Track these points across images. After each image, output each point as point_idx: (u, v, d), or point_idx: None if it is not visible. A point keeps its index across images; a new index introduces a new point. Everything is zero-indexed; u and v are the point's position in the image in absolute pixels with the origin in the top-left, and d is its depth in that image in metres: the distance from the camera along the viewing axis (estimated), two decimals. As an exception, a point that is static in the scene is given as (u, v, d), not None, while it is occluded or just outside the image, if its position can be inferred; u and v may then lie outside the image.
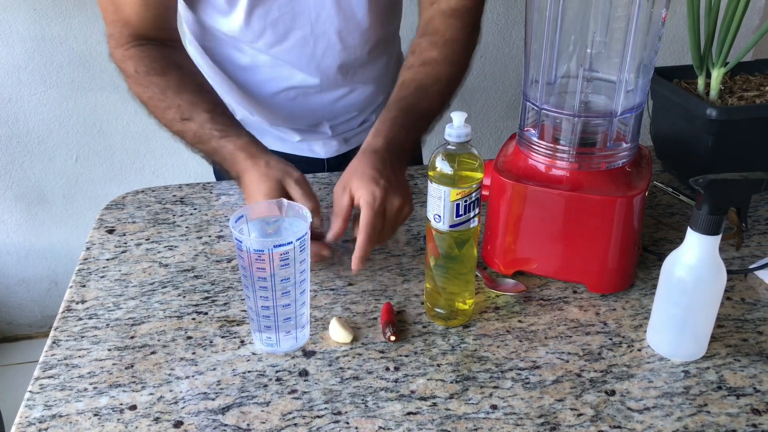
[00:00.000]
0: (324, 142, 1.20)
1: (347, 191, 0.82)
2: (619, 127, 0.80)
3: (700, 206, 0.66)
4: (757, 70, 1.10)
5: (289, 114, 1.13)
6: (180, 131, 0.93)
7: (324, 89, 1.09)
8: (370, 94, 1.15)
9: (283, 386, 0.71)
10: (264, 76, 1.07)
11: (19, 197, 1.92)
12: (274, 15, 0.98)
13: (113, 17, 0.95)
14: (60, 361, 0.74)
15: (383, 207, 0.81)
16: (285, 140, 1.19)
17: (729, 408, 0.68)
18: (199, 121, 0.90)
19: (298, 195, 0.83)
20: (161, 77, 0.93)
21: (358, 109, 1.17)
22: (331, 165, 1.22)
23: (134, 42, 0.95)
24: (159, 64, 0.94)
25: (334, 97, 1.11)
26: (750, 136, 0.98)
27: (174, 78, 0.94)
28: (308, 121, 1.16)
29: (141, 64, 0.94)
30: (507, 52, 1.95)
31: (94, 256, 0.92)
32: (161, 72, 0.94)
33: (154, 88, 0.93)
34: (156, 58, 0.95)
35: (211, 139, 0.90)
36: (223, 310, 0.82)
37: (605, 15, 0.77)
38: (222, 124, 0.91)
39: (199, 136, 0.90)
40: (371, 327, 0.79)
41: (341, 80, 1.09)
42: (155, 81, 0.93)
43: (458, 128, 0.70)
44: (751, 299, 0.83)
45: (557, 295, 0.84)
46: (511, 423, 0.66)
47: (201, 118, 0.90)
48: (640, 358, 0.74)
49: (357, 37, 1.04)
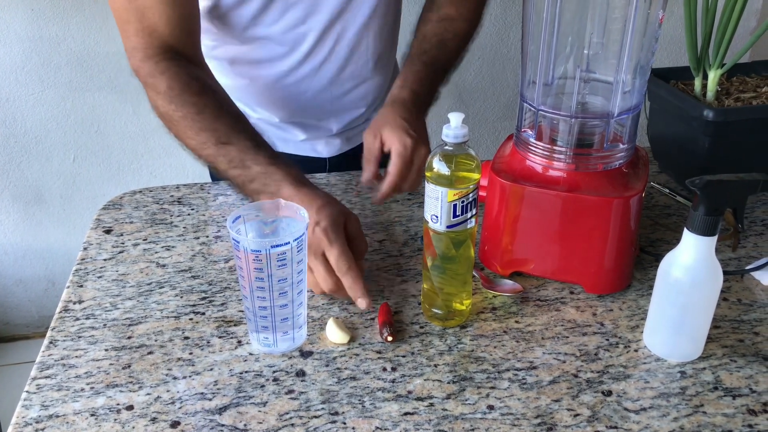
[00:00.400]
0: (327, 140, 1.20)
1: (378, 138, 0.89)
2: (616, 128, 0.80)
3: (697, 207, 0.66)
4: (753, 72, 1.10)
5: (299, 107, 1.13)
6: (213, 155, 0.87)
7: (336, 82, 1.10)
8: (376, 88, 1.16)
9: (280, 386, 0.71)
10: (277, 69, 1.07)
11: (16, 197, 1.91)
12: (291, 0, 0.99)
13: (138, 26, 0.89)
14: (57, 361, 0.74)
15: (412, 156, 0.88)
16: (288, 140, 1.19)
17: (725, 408, 0.68)
18: (241, 147, 0.85)
19: (357, 233, 0.81)
20: (198, 97, 0.88)
21: (366, 104, 1.18)
22: (332, 164, 1.23)
23: (165, 55, 0.90)
24: (195, 84, 0.89)
25: (343, 90, 1.12)
26: (746, 137, 0.98)
27: (212, 101, 0.89)
28: (317, 115, 1.16)
29: (176, 81, 0.88)
30: (505, 53, 1.95)
31: (92, 257, 0.92)
32: (198, 92, 0.89)
33: (190, 108, 0.87)
34: (192, 77, 0.90)
35: (255, 164, 0.84)
36: (221, 310, 0.82)
37: (602, 16, 0.77)
38: (268, 152, 0.86)
39: (239, 161, 0.85)
40: (368, 327, 0.79)
41: (352, 72, 1.11)
42: (192, 101, 0.88)
43: (456, 129, 0.70)
44: (747, 300, 0.83)
45: (554, 296, 0.84)
46: (507, 423, 0.66)
47: (243, 144, 0.85)
48: (636, 358, 0.74)
49: (377, 28, 1.07)
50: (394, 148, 0.88)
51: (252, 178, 0.84)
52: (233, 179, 0.86)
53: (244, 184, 0.85)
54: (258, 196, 0.83)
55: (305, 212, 0.72)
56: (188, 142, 0.88)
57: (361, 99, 1.16)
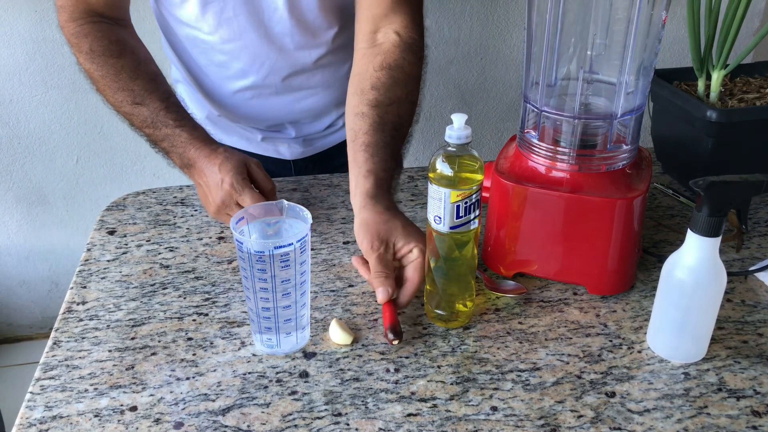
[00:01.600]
0: (288, 144, 1.19)
1: (390, 248, 0.80)
2: (619, 129, 0.80)
3: (700, 208, 0.66)
4: (757, 73, 1.10)
5: (247, 114, 1.13)
6: (128, 113, 0.97)
7: (280, 92, 1.09)
8: (332, 99, 1.14)
9: (284, 387, 0.71)
10: (222, 74, 1.07)
11: (19, 198, 1.92)
12: (228, 14, 0.98)
13: None
14: (61, 362, 0.74)
15: None
16: (250, 139, 1.19)
17: (729, 410, 0.68)
18: (153, 108, 0.95)
19: (260, 176, 0.94)
20: (117, 59, 0.96)
21: (319, 113, 1.15)
22: (297, 167, 1.21)
23: (88, 18, 0.96)
24: (116, 47, 0.97)
25: (291, 99, 1.11)
26: (750, 138, 0.98)
27: (130, 63, 0.97)
28: (269, 122, 1.15)
29: (97, 43, 0.96)
30: (507, 54, 1.95)
31: (95, 258, 0.92)
32: (117, 54, 0.96)
33: (108, 69, 0.96)
34: (113, 40, 0.97)
35: (164, 126, 0.95)
36: (224, 311, 0.82)
37: (605, 17, 0.77)
38: (177, 114, 0.96)
39: (151, 121, 0.95)
40: (371, 328, 0.79)
41: (298, 83, 1.09)
42: (111, 62, 0.96)
43: (458, 130, 0.70)
44: (751, 301, 0.83)
45: (557, 297, 0.84)
46: (511, 424, 0.66)
47: (155, 105, 0.95)
48: (640, 359, 0.74)
49: (311, 40, 1.04)
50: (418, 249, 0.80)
51: (162, 138, 0.96)
52: (147, 137, 0.98)
53: (156, 142, 0.97)
54: (169, 155, 0.97)
55: (308, 214, 0.73)
56: (108, 99, 0.99)
57: (313, 108, 1.13)
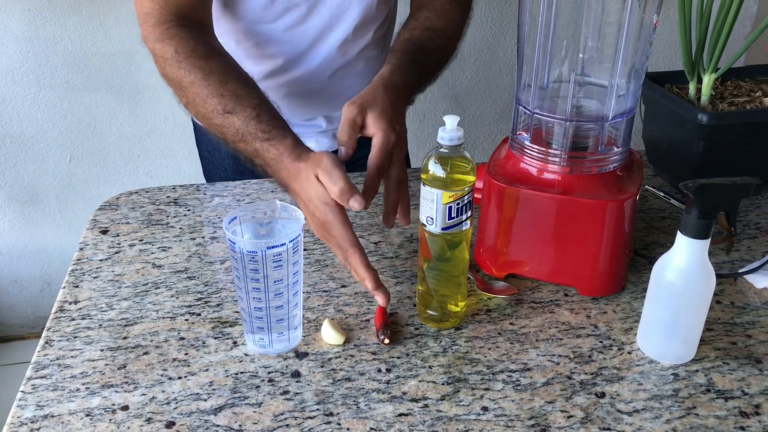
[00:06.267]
0: (317, 139, 1.20)
1: (361, 115, 0.82)
2: (611, 131, 0.81)
3: (690, 210, 0.67)
4: (747, 76, 1.11)
5: (287, 105, 1.13)
6: (220, 125, 0.87)
7: (327, 77, 1.11)
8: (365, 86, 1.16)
9: (276, 387, 0.71)
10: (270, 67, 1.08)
11: (12, 197, 1.91)
12: None
13: None
14: (52, 362, 0.74)
15: (392, 152, 0.82)
16: None
17: (717, 410, 0.68)
18: (244, 117, 0.84)
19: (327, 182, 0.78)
20: (205, 61, 0.88)
21: None
22: None
23: (176, 22, 0.91)
24: (202, 48, 0.89)
25: (334, 87, 1.12)
26: (740, 141, 0.98)
27: (218, 65, 0.88)
28: (306, 114, 1.17)
29: (182, 45, 0.89)
30: (500, 56, 1.96)
31: (88, 257, 0.92)
32: (205, 56, 0.88)
33: (197, 72, 0.87)
34: (199, 41, 0.90)
35: (254, 139, 0.84)
36: (216, 311, 0.82)
37: (597, 20, 0.77)
38: (267, 123, 0.84)
39: (242, 135, 0.85)
40: (363, 329, 0.79)
41: (342, 75, 1.11)
42: (199, 65, 0.87)
43: (451, 131, 0.71)
44: (740, 303, 0.84)
45: (548, 298, 0.84)
46: (501, 425, 0.66)
47: (246, 114, 0.84)
48: (630, 360, 0.75)
49: (371, 27, 1.08)
50: (378, 139, 0.81)
51: (254, 155, 0.85)
52: (240, 153, 0.87)
53: (249, 159, 0.87)
54: (264, 171, 0.86)
55: (301, 214, 0.73)
56: (198, 112, 0.89)
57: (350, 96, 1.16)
